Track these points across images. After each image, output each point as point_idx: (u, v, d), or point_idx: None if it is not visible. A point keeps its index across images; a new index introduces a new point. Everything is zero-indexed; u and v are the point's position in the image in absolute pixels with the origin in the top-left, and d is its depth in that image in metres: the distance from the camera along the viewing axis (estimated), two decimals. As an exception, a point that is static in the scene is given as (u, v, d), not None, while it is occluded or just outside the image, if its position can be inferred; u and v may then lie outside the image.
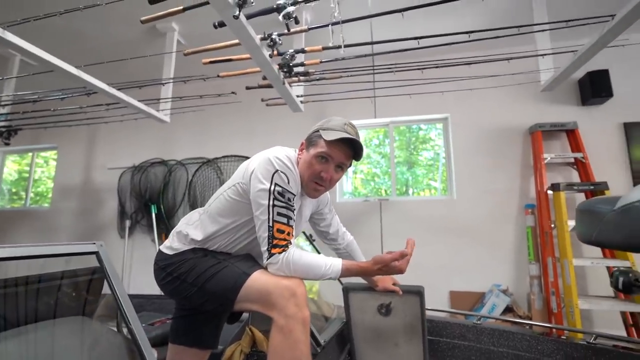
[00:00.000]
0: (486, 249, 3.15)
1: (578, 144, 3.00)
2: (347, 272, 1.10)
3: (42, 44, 1.80)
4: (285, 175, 1.07)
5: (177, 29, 3.06)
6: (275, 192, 1.05)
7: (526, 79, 2.50)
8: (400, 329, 1.62)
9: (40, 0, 2.50)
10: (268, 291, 1.02)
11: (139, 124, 3.37)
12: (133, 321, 0.76)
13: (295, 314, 0.99)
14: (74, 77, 2.08)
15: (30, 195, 4.80)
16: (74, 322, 0.79)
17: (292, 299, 1.00)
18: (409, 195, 3.73)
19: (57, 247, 0.81)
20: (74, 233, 4.22)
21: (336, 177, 1.15)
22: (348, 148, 1.11)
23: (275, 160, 1.08)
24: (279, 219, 1.04)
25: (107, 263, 0.84)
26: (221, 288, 1.08)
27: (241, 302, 1.07)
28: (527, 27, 1.65)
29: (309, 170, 1.13)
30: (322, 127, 1.14)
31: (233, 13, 1.43)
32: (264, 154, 1.13)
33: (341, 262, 1.09)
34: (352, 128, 1.12)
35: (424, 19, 2.89)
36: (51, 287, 0.80)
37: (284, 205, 1.05)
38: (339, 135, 1.07)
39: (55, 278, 0.83)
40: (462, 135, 3.43)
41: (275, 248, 1.03)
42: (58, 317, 0.76)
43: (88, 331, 0.77)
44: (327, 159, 1.11)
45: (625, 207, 0.70)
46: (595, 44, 1.76)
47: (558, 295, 2.61)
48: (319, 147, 1.11)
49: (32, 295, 0.75)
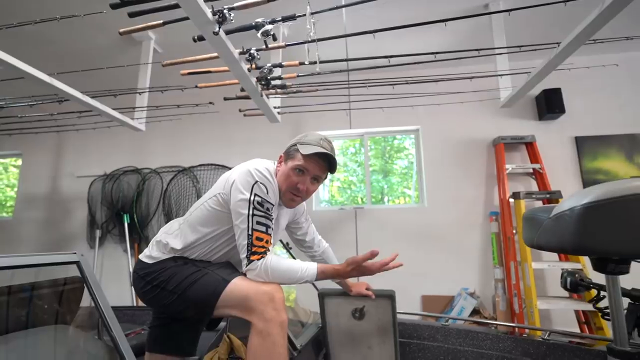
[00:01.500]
0: (455, 254, 3.31)
1: (536, 156, 3.25)
2: (322, 275, 1.17)
3: (15, 49, 1.77)
4: (265, 186, 1.13)
5: (153, 37, 3.05)
6: (255, 202, 1.10)
7: (488, 95, 2.70)
8: (373, 332, 1.70)
9: (13, 6, 2.45)
10: (247, 296, 1.07)
11: (112, 131, 3.30)
12: (115, 329, 0.79)
13: (274, 317, 1.04)
14: (46, 84, 2.04)
15: None
16: (56, 330, 0.80)
17: (271, 304, 1.05)
18: (385, 203, 3.86)
19: (38, 257, 0.82)
20: (40, 243, 4.02)
21: (312, 189, 1.22)
22: (323, 162, 1.18)
23: (255, 172, 1.14)
24: (258, 227, 1.09)
25: (89, 273, 0.86)
26: (201, 295, 1.11)
27: (221, 308, 1.11)
28: (485, 50, 1.81)
29: (286, 181, 1.19)
30: (299, 142, 1.20)
31: (213, 29, 1.48)
32: (245, 165, 1.18)
33: (316, 266, 1.16)
34: (327, 143, 1.20)
35: (395, 38, 3.07)
36: (33, 296, 0.81)
37: (263, 215, 1.11)
38: (315, 150, 1.15)
39: (37, 287, 0.84)
40: (433, 147, 3.61)
41: (254, 255, 1.08)
42: (39, 326, 0.77)
43: (70, 339, 0.78)
44: (303, 171, 1.18)
45: (558, 215, 0.82)
46: (545, 67, 1.95)
47: (520, 297, 2.79)
48: (296, 160, 1.18)
49: (14, 305, 0.76)
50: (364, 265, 1.21)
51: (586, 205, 0.75)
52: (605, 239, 0.75)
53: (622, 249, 0.74)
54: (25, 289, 0.81)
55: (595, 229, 0.76)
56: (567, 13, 1.79)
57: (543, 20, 2.77)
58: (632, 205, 0.71)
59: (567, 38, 1.73)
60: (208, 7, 1.47)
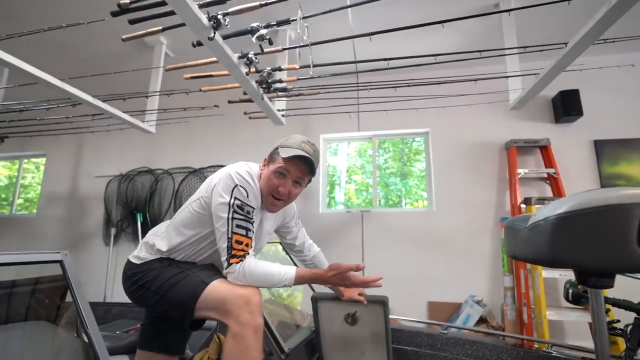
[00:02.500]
0: (463, 260, 3.23)
1: (550, 160, 3.12)
2: (300, 280, 1.16)
3: (33, 56, 1.87)
4: (245, 190, 1.13)
5: (165, 42, 3.15)
6: (235, 205, 1.11)
7: (498, 97, 2.62)
8: (366, 337, 1.68)
9: (28, 13, 2.58)
10: (224, 299, 1.07)
11: (127, 133, 3.43)
12: (91, 327, 0.82)
13: (248, 321, 1.04)
14: (58, 88, 2.15)
15: (20, 201, 4.79)
16: (34, 326, 0.84)
17: (246, 307, 1.05)
18: (403, 206, 3.80)
19: (23, 255, 0.86)
20: (60, 240, 4.22)
21: (294, 192, 1.22)
22: (304, 164, 1.17)
23: (235, 175, 1.14)
24: (237, 230, 1.10)
25: (71, 271, 0.89)
26: (181, 296, 1.13)
27: (200, 310, 1.12)
28: (490, 52, 1.76)
29: (267, 184, 1.19)
30: (281, 145, 1.21)
31: (208, 35, 1.52)
32: (227, 169, 1.19)
33: (295, 270, 1.15)
34: (309, 146, 1.19)
35: (404, 39, 3.03)
36: (14, 292, 0.85)
37: (242, 218, 1.12)
38: (295, 153, 1.14)
39: (21, 285, 0.88)
40: (442, 150, 3.54)
41: (233, 258, 1.09)
42: (20, 322, 0.82)
43: (49, 335, 0.82)
44: (284, 174, 1.18)
45: (533, 225, 0.78)
46: (553, 68, 1.87)
47: (529, 307, 2.68)
48: (277, 163, 1.18)
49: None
50: (347, 275, 1.19)
51: (560, 215, 0.72)
52: (577, 252, 0.71)
53: (592, 263, 0.70)
54: (6, 286, 0.85)
55: (567, 241, 0.72)
56: (581, 13, 1.72)
57: (555, 21, 2.67)
58: (603, 217, 0.67)
59: (575, 38, 1.65)
60: (204, 13, 1.50)
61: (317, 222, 3.62)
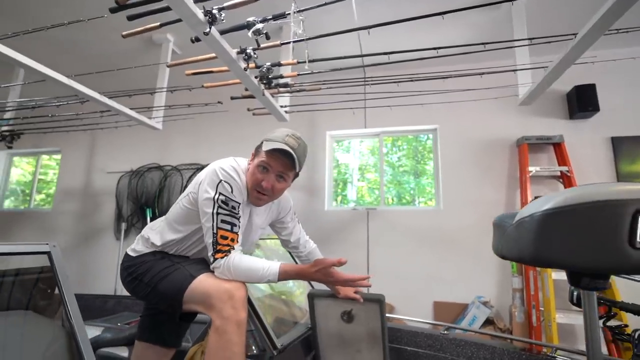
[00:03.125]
0: (471, 260, 3.15)
1: (564, 157, 3.00)
2: (284, 275, 1.14)
3: (44, 55, 1.91)
4: (229, 185, 1.13)
5: (172, 39, 3.18)
6: (219, 200, 1.11)
7: (508, 92, 2.53)
8: (362, 336, 1.66)
9: (36, 13, 2.65)
10: (209, 293, 1.08)
11: (137, 130, 3.49)
12: (75, 318, 0.83)
13: (231, 315, 1.04)
14: (67, 86, 2.20)
15: (42, 196, 4.95)
16: (22, 315, 0.86)
17: (229, 302, 1.05)
18: (416, 205, 3.73)
19: (11, 246, 0.88)
20: (74, 234, 4.35)
21: (278, 187, 1.19)
22: (287, 158, 1.15)
23: (220, 170, 1.14)
24: (222, 225, 1.10)
25: (58, 263, 0.91)
26: (170, 289, 1.14)
27: (187, 303, 1.13)
28: (492, 45, 1.69)
29: (252, 179, 1.19)
30: (265, 138, 1.19)
31: (204, 30, 1.52)
32: (213, 164, 1.19)
33: (279, 265, 1.13)
34: (294, 140, 1.16)
35: (411, 33, 2.97)
36: (5, 282, 0.87)
37: (227, 213, 1.11)
38: (276, 146, 1.12)
39: (10, 274, 0.90)
40: (451, 146, 3.46)
41: (218, 253, 1.10)
42: (5, 311, 0.84)
43: (34, 325, 0.84)
44: (267, 168, 1.16)
45: (519, 222, 0.74)
46: (562, 61, 1.79)
47: (538, 309, 2.60)
48: (260, 157, 1.17)
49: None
50: (330, 272, 1.17)
51: (546, 211, 0.68)
52: (565, 251, 0.67)
53: (582, 263, 0.66)
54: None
55: (553, 239, 0.68)
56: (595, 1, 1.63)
57: (569, 12, 2.55)
58: (593, 214, 0.63)
59: (584, 28, 1.57)
60: (199, 8, 1.50)
61: (322, 220, 3.60)
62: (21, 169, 5.23)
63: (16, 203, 5.04)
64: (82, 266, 4.18)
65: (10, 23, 2.12)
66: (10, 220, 4.72)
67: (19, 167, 5.24)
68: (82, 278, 4.14)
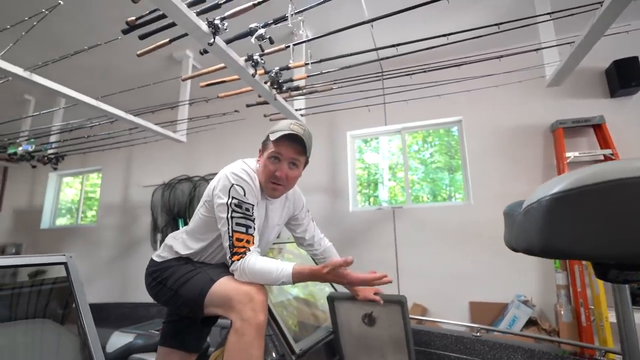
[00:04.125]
0: (508, 256, 2.91)
1: (606, 140, 2.74)
2: (298, 276, 1.12)
3: (74, 79, 2.06)
4: (242, 188, 1.15)
5: (191, 55, 3.31)
6: (233, 204, 1.13)
7: (533, 74, 2.36)
8: (386, 339, 1.60)
9: (61, 40, 2.86)
10: (229, 296, 1.09)
11: (166, 144, 3.66)
12: (88, 326, 0.86)
13: (250, 318, 1.04)
14: (96, 107, 2.35)
15: (92, 212, 5.30)
16: (37, 323, 0.91)
17: (250, 304, 1.06)
18: (452, 201, 3.59)
19: (31, 258, 0.94)
20: (115, 246, 4.64)
21: (292, 175, 1.22)
22: (296, 144, 1.17)
23: (231, 175, 1.16)
24: (237, 228, 1.12)
25: (74, 273, 0.96)
26: (191, 293, 1.17)
27: (208, 307, 1.15)
28: (506, 24, 1.58)
29: (264, 172, 1.21)
30: (270, 131, 1.22)
31: (208, 41, 1.55)
32: (224, 170, 1.22)
33: (292, 267, 1.11)
34: (298, 126, 1.18)
35: (426, 23, 2.86)
36: (24, 292, 0.93)
37: (241, 216, 1.13)
38: (283, 133, 1.15)
39: (31, 285, 0.96)
40: (478, 137, 3.28)
41: (235, 256, 1.11)
42: (26, 319, 0.89)
43: (51, 332, 0.89)
44: (278, 157, 1.19)
45: (526, 209, 0.67)
46: (589, 34, 1.64)
47: (587, 307, 2.37)
48: (269, 148, 1.20)
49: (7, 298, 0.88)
50: (341, 272, 1.14)
51: (555, 195, 0.60)
52: (576, 239, 0.59)
53: (598, 252, 0.58)
54: (22, 285, 0.93)
55: (563, 226, 0.60)
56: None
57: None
58: (615, 194, 0.53)
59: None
60: (203, 20, 1.54)
61: (347, 221, 3.55)
62: (75, 188, 5.63)
63: (72, 220, 5.45)
64: (124, 276, 4.43)
65: (49, 53, 2.33)
66: (62, 236, 5.12)
67: (73, 187, 5.65)
68: (123, 288, 4.39)
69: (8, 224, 5.59)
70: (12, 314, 0.87)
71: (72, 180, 5.66)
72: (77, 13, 2.55)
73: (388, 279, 1.20)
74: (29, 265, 0.92)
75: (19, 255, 0.93)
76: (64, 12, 2.36)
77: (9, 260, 0.89)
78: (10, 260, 0.89)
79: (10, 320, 0.86)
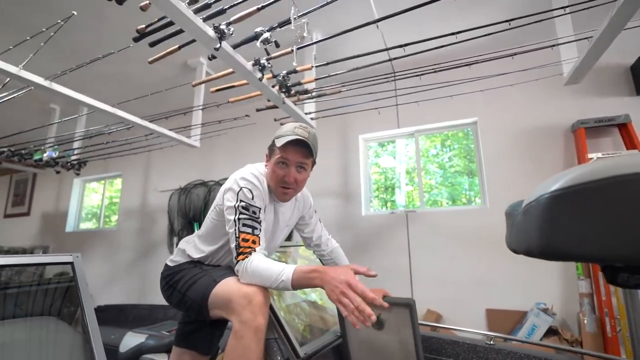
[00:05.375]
0: (527, 262, 2.82)
1: (632, 139, 2.60)
2: (299, 279, 1.08)
3: (93, 88, 2.15)
4: (250, 191, 1.17)
5: (205, 62, 3.39)
6: (240, 207, 1.15)
7: (552, 72, 2.27)
8: (395, 345, 1.56)
9: (80, 50, 2.99)
10: (229, 298, 1.09)
11: (182, 149, 3.76)
12: (91, 324, 0.88)
13: (249, 320, 1.03)
14: (112, 114, 2.44)
15: (116, 217, 5.47)
16: (43, 321, 0.94)
17: (249, 306, 1.05)
18: (472, 205, 3.49)
19: (40, 257, 0.97)
20: (135, 250, 4.77)
21: (300, 178, 1.24)
22: (302, 148, 1.19)
23: (240, 180, 1.19)
24: (244, 229, 1.13)
25: (80, 273, 0.98)
26: (196, 295, 1.19)
27: (212, 309, 1.16)
28: (517, 20, 1.53)
29: (273, 177, 1.23)
30: (275, 137, 1.24)
31: (214, 45, 1.58)
32: (233, 175, 1.25)
33: (293, 269, 1.08)
34: (302, 130, 1.20)
35: (440, 21, 2.81)
36: (33, 290, 0.97)
37: (248, 218, 1.14)
38: (288, 139, 1.16)
39: (40, 283, 1.00)
40: (494, 139, 3.19)
41: (240, 255, 1.11)
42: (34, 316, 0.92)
43: (55, 330, 0.91)
44: (285, 163, 1.21)
45: (525, 208, 0.64)
46: (608, 28, 1.56)
47: (612, 317, 2.23)
48: (276, 154, 1.21)
49: (15, 296, 0.92)
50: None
51: (554, 192, 0.57)
52: (579, 239, 0.55)
53: (603, 254, 0.53)
54: (32, 284, 0.97)
55: (563, 225, 0.56)
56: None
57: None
58: (620, 191, 0.49)
59: (629, -15, 1.36)
60: (209, 26, 1.57)
61: (359, 225, 3.52)
62: (100, 194, 5.83)
63: (96, 225, 5.64)
64: (142, 279, 4.54)
65: (68, 63, 2.45)
66: (85, 239, 5.32)
67: (98, 192, 5.86)
68: (142, 290, 4.49)
69: (36, 228, 5.86)
70: (25, 311, 0.91)
71: (97, 186, 5.87)
72: (93, 24, 2.67)
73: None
74: (38, 265, 0.95)
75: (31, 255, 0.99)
76: (79, 22, 2.47)
77: (21, 259, 0.93)
78: (22, 260, 0.93)
79: (19, 317, 0.90)
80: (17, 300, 0.93)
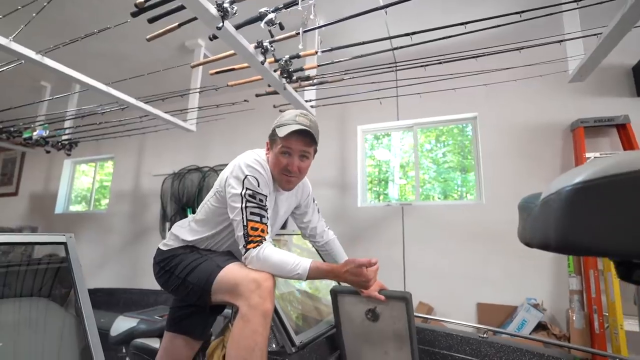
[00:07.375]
0: (519, 258, 2.86)
1: (630, 141, 2.61)
2: (316, 271, 1.12)
3: (87, 66, 2.06)
4: (255, 179, 1.16)
5: (203, 44, 3.30)
6: (247, 195, 1.13)
7: (557, 68, 2.25)
8: (389, 336, 1.56)
9: (75, 25, 2.87)
10: (237, 282, 1.09)
11: (177, 133, 3.67)
12: (85, 307, 0.85)
13: (257, 304, 1.04)
14: (107, 93, 2.36)
15: (106, 200, 5.38)
16: (33, 301, 0.91)
17: (257, 291, 1.05)
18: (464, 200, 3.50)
19: (32, 236, 0.93)
20: (125, 233, 4.70)
21: (304, 166, 1.23)
22: (304, 136, 1.18)
23: (245, 166, 1.17)
24: (252, 217, 1.12)
25: (73, 253, 0.95)
26: (198, 280, 1.17)
27: (216, 294, 1.15)
28: (529, 12, 1.50)
29: (276, 166, 1.22)
30: (276, 125, 1.22)
31: (217, 24, 1.52)
32: (236, 161, 1.22)
33: (310, 262, 1.11)
34: (304, 117, 1.18)
35: (445, 14, 2.77)
36: (25, 270, 0.93)
37: (255, 206, 1.13)
38: (291, 129, 1.15)
39: (31, 263, 0.96)
40: (493, 135, 3.18)
41: (250, 244, 1.11)
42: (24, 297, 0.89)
43: (48, 311, 0.88)
44: (288, 152, 1.20)
45: (544, 201, 0.62)
46: (618, 25, 1.54)
47: (601, 314, 2.27)
48: (279, 144, 1.20)
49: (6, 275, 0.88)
50: (361, 271, 1.12)
51: (577, 185, 0.54)
52: (598, 233, 0.53)
53: (621, 248, 0.52)
54: (21, 264, 0.93)
55: (585, 219, 0.54)
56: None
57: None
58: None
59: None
60: (212, 4, 1.51)
61: (355, 217, 3.51)
62: (90, 177, 5.70)
63: (86, 207, 5.53)
64: (133, 263, 4.50)
65: (62, 38, 2.35)
66: (75, 222, 5.23)
67: (88, 175, 5.74)
68: (132, 274, 4.45)
69: (24, 208, 5.74)
70: (13, 292, 0.87)
71: (87, 168, 5.75)
72: (90, -2, 2.56)
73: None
74: (31, 244, 0.91)
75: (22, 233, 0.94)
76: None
77: (13, 238, 0.89)
78: (14, 238, 0.89)
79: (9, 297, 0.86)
80: (5, 280, 0.89)
